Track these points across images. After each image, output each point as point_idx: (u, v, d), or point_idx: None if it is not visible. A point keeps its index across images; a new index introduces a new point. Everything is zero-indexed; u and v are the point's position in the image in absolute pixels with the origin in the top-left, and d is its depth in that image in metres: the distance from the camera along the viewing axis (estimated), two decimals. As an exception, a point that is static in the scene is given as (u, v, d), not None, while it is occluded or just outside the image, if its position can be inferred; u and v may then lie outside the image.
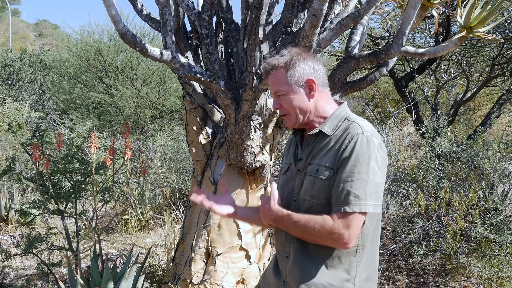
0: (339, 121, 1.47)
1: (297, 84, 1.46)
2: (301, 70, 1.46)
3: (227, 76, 2.67)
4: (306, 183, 1.45)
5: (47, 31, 42.93)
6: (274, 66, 1.48)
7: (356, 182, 1.34)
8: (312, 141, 1.50)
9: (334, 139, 1.44)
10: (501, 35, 5.05)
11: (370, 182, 1.34)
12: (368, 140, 1.37)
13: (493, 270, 3.07)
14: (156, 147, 7.01)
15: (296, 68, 1.46)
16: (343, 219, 1.33)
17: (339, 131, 1.44)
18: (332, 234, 1.33)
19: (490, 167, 3.53)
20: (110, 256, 4.27)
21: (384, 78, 8.42)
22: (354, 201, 1.33)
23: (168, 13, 2.16)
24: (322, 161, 1.43)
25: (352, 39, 2.64)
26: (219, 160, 2.76)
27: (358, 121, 1.44)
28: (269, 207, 1.46)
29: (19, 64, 12.95)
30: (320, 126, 1.48)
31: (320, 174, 1.41)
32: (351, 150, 1.36)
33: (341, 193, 1.35)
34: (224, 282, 2.66)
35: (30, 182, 3.57)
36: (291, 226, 1.41)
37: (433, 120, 4.67)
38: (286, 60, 1.46)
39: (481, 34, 2.25)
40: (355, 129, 1.40)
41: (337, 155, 1.39)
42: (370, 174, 1.34)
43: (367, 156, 1.35)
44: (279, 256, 1.56)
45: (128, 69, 8.94)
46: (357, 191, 1.33)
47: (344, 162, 1.36)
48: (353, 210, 1.33)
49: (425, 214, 3.53)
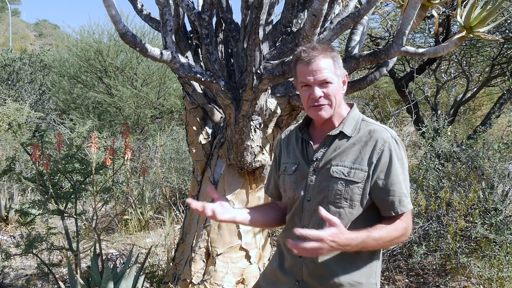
0: (357, 122, 1.51)
1: (340, 76, 1.49)
2: (341, 64, 1.51)
3: (227, 76, 2.67)
4: (335, 186, 1.45)
5: (47, 31, 42.94)
6: (324, 52, 1.46)
7: (404, 183, 1.45)
8: (330, 141, 1.50)
9: (359, 141, 1.47)
10: (501, 35, 5.04)
11: (407, 179, 1.47)
12: (398, 142, 1.47)
13: (493, 270, 3.07)
14: (156, 147, 7.01)
15: (339, 62, 1.50)
16: (405, 218, 1.45)
17: (362, 133, 1.49)
18: (406, 235, 1.46)
19: (490, 167, 3.53)
20: (110, 256, 4.27)
21: (384, 78, 8.41)
22: (406, 200, 1.44)
23: (168, 13, 2.16)
24: (353, 164, 1.45)
25: (352, 39, 2.63)
26: (219, 160, 2.76)
27: (379, 124, 1.52)
28: (345, 237, 1.35)
29: (19, 64, 12.95)
30: (340, 127, 1.50)
31: (354, 177, 1.44)
32: (389, 154, 1.44)
33: (394, 196, 1.43)
34: (224, 282, 2.66)
35: (30, 182, 3.57)
36: (372, 244, 1.40)
37: (433, 120, 4.67)
38: (332, 53, 1.48)
39: (481, 34, 2.25)
40: (384, 133, 1.46)
41: (370, 159, 1.44)
42: (406, 172, 1.47)
43: (401, 157, 1.46)
44: (289, 255, 1.54)
45: (128, 69, 8.94)
46: (405, 191, 1.44)
47: (386, 166, 1.43)
48: (407, 209, 1.45)
49: (425, 214, 3.53)
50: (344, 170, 1.45)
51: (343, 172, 1.45)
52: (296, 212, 1.54)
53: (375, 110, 9.31)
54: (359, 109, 1.77)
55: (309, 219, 1.50)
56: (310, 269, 1.49)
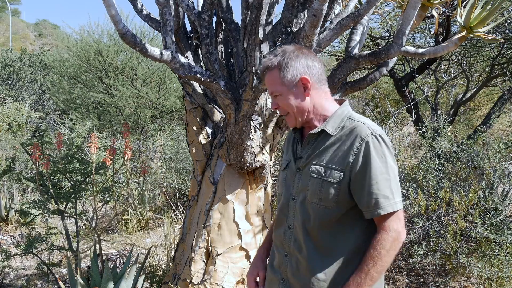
0: (342, 120, 1.45)
1: (291, 84, 1.44)
2: (293, 69, 1.44)
3: (227, 76, 2.67)
4: (312, 186, 1.43)
5: (47, 31, 42.93)
6: (267, 67, 1.46)
7: (382, 184, 1.35)
8: (314, 140, 1.48)
9: (340, 140, 1.41)
10: (501, 35, 5.04)
11: (393, 180, 1.37)
12: (379, 140, 1.37)
13: (493, 270, 3.07)
14: (156, 147, 7.01)
15: (289, 68, 1.44)
16: (392, 223, 1.36)
17: (344, 131, 1.42)
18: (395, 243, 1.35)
19: (490, 167, 3.53)
20: (110, 256, 4.26)
21: (384, 78, 8.42)
22: (385, 203, 1.34)
23: (168, 13, 2.16)
24: (330, 163, 1.41)
25: (352, 39, 2.63)
26: (219, 160, 2.76)
27: (363, 121, 1.42)
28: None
29: (19, 64, 12.96)
30: (322, 125, 1.46)
31: (329, 176, 1.40)
32: (366, 153, 1.36)
33: (370, 198, 1.35)
34: (224, 282, 2.66)
35: (30, 182, 3.57)
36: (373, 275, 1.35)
37: (433, 120, 4.67)
38: (279, 60, 1.44)
39: (481, 34, 2.25)
40: (364, 131, 1.38)
41: (346, 158, 1.38)
42: (390, 172, 1.36)
43: (383, 156, 1.36)
44: (278, 253, 1.56)
45: (128, 69, 8.94)
46: (384, 192, 1.35)
47: (363, 166, 1.36)
48: (387, 212, 1.34)
49: (425, 214, 3.53)
50: (321, 170, 1.41)
51: (320, 171, 1.41)
52: (282, 209, 1.54)
53: (375, 110, 9.31)
54: (359, 109, 1.76)
55: (293, 218, 1.49)
56: (294, 268, 1.49)
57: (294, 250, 1.48)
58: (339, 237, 1.42)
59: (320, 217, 1.41)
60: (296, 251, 1.48)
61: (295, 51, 1.46)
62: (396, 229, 1.35)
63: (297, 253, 1.47)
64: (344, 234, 1.42)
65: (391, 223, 1.35)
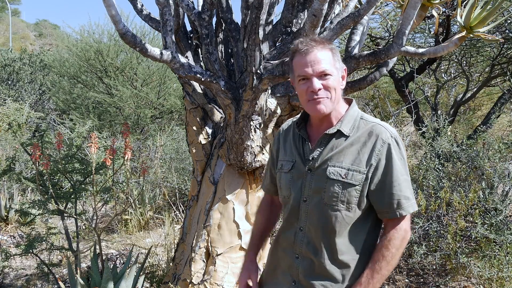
0: (355, 120, 1.44)
1: (339, 70, 1.43)
2: (339, 58, 1.44)
3: (227, 76, 2.67)
4: (331, 188, 1.39)
5: (47, 31, 42.93)
6: (321, 44, 1.40)
7: (403, 185, 1.37)
8: (327, 140, 1.44)
9: (358, 141, 1.41)
10: (501, 35, 5.04)
11: (409, 180, 1.41)
12: (399, 143, 1.40)
13: (493, 270, 3.07)
14: (156, 147, 7.01)
15: (338, 55, 1.44)
16: (404, 223, 1.39)
17: (361, 133, 1.41)
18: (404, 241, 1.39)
19: (490, 167, 3.53)
20: (110, 256, 4.26)
21: (384, 78, 8.42)
22: (406, 204, 1.38)
23: (168, 13, 2.16)
24: (351, 165, 1.39)
25: (352, 39, 2.63)
26: (219, 160, 2.76)
27: (379, 122, 1.43)
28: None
29: (19, 64, 12.95)
30: (337, 125, 1.43)
31: (351, 179, 1.38)
32: (388, 155, 1.37)
33: (393, 199, 1.37)
34: (224, 282, 2.66)
35: (30, 182, 3.57)
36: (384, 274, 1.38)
37: (433, 120, 4.66)
38: (331, 44, 1.43)
39: (481, 34, 2.25)
40: (384, 133, 1.39)
41: (370, 159, 1.38)
42: (408, 173, 1.40)
43: (402, 158, 1.40)
44: (286, 255, 1.51)
45: (128, 69, 8.94)
46: (406, 193, 1.37)
47: (386, 168, 1.37)
48: (408, 212, 1.38)
49: (425, 214, 3.53)
50: (341, 172, 1.38)
51: (340, 173, 1.38)
52: (292, 212, 1.49)
53: (375, 110, 9.30)
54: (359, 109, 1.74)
55: (305, 220, 1.46)
56: (307, 270, 1.46)
57: (308, 252, 1.45)
58: (354, 237, 1.42)
59: (338, 219, 1.40)
60: (310, 253, 1.45)
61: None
62: (405, 228, 1.39)
63: (311, 255, 1.44)
64: (357, 234, 1.43)
65: (403, 223, 1.39)
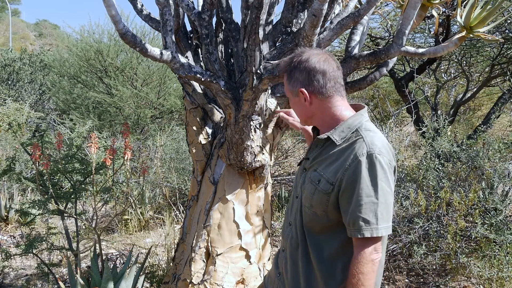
0: (350, 131, 1.39)
1: (293, 92, 1.46)
2: (295, 80, 1.44)
3: (227, 76, 2.67)
4: (307, 190, 1.44)
5: (47, 31, 42.94)
6: (280, 71, 1.56)
7: (365, 207, 1.28)
8: (321, 145, 1.47)
9: (341, 152, 1.37)
10: (501, 35, 5.04)
11: (381, 204, 1.29)
12: (373, 161, 1.30)
13: (493, 270, 3.07)
14: (156, 147, 7.01)
15: (292, 76, 1.44)
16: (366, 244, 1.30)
17: (348, 144, 1.37)
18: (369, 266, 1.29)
19: (490, 167, 3.53)
20: (110, 256, 4.27)
21: (384, 78, 8.42)
22: (365, 227, 1.28)
23: (168, 13, 2.16)
24: (325, 173, 1.39)
25: (352, 39, 2.63)
26: (219, 160, 2.76)
27: (366, 137, 1.35)
28: None
29: (19, 64, 12.96)
30: (329, 132, 1.42)
31: (321, 185, 1.38)
32: (356, 171, 1.30)
33: (351, 218, 1.30)
34: (224, 282, 2.66)
35: (30, 182, 3.57)
36: None
37: (433, 120, 4.66)
38: (287, 67, 1.47)
39: (481, 34, 2.25)
40: (361, 149, 1.32)
41: (338, 172, 1.34)
42: (379, 196, 1.29)
43: (373, 178, 1.29)
44: (282, 255, 1.60)
45: (128, 69, 8.94)
46: (366, 216, 1.28)
47: (351, 184, 1.31)
48: (364, 236, 1.29)
49: (425, 214, 3.53)
50: (317, 177, 1.41)
51: (316, 179, 1.41)
52: (289, 205, 1.60)
53: (375, 110, 9.31)
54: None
55: (294, 216, 1.51)
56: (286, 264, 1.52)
57: (290, 246, 1.51)
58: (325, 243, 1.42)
59: (310, 220, 1.43)
60: (291, 247, 1.51)
61: (302, 58, 1.42)
62: (370, 251, 1.30)
63: (291, 249, 1.51)
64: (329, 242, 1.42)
65: (368, 245, 1.30)
